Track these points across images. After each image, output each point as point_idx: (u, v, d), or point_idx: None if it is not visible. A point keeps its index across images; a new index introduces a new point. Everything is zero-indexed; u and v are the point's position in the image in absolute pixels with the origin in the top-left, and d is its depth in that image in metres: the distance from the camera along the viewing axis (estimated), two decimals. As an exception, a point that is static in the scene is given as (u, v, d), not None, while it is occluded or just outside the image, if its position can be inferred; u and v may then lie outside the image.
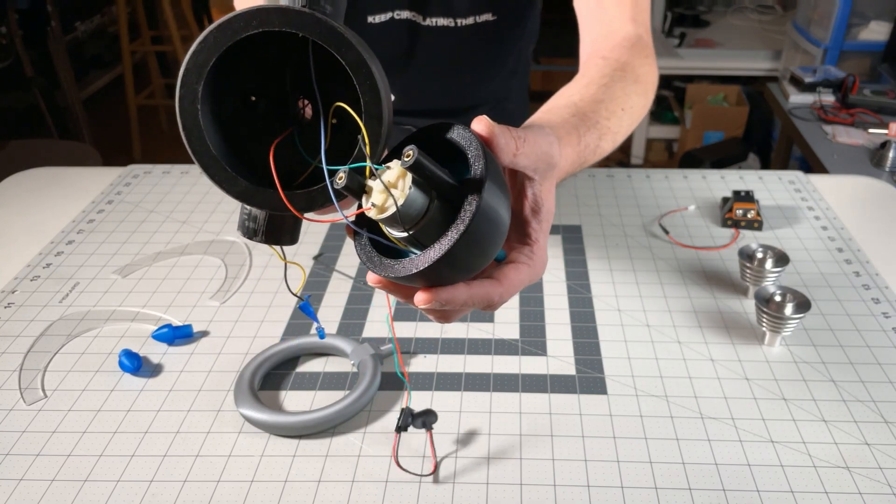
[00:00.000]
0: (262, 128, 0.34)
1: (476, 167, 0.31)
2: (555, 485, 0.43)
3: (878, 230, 0.70)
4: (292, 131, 0.34)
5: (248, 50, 0.31)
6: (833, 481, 0.43)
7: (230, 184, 0.32)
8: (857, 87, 1.50)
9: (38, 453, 0.46)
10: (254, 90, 0.34)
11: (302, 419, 0.47)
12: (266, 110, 0.34)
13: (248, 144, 0.34)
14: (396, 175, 0.30)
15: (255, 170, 0.33)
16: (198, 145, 0.31)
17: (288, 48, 0.33)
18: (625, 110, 0.51)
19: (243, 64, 0.32)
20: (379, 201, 0.30)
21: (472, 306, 0.35)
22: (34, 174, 0.85)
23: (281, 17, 0.29)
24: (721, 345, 0.54)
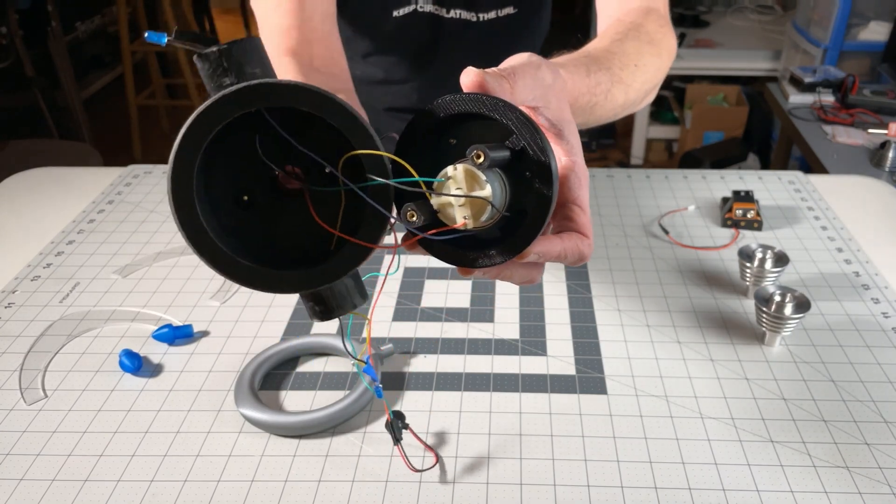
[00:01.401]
0: (270, 215, 0.32)
1: (509, 122, 0.30)
2: (555, 485, 0.43)
3: (878, 230, 0.70)
4: (306, 197, 0.32)
5: (208, 155, 0.29)
6: (833, 481, 0.43)
7: (288, 284, 0.30)
8: (857, 88, 1.50)
9: (39, 453, 0.46)
10: (241, 188, 0.32)
11: (302, 419, 0.47)
12: (263, 199, 0.32)
13: (262, 238, 0.32)
14: (465, 179, 0.30)
15: (282, 254, 0.31)
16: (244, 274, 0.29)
17: (246, 130, 0.30)
18: (638, 66, 0.50)
19: (215, 169, 0.30)
20: (467, 213, 0.30)
21: (564, 260, 0.34)
22: (34, 174, 0.85)
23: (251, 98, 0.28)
24: (721, 345, 0.54)
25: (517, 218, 0.32)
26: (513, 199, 0.32)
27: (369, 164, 0.30)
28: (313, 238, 0.31)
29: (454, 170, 0.30)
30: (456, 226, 0.30)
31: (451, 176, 0.30)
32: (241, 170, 0.32)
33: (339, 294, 0.32)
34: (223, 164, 0.31)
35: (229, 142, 0.30)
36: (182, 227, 0.29)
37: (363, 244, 0.30)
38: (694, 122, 2.32)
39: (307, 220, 0.31)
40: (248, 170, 0.32)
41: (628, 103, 0.52)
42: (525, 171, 0.31)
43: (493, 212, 0.30)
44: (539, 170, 0.31)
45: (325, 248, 0.32)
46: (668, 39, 0.57)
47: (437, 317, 0.58)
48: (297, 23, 0.55)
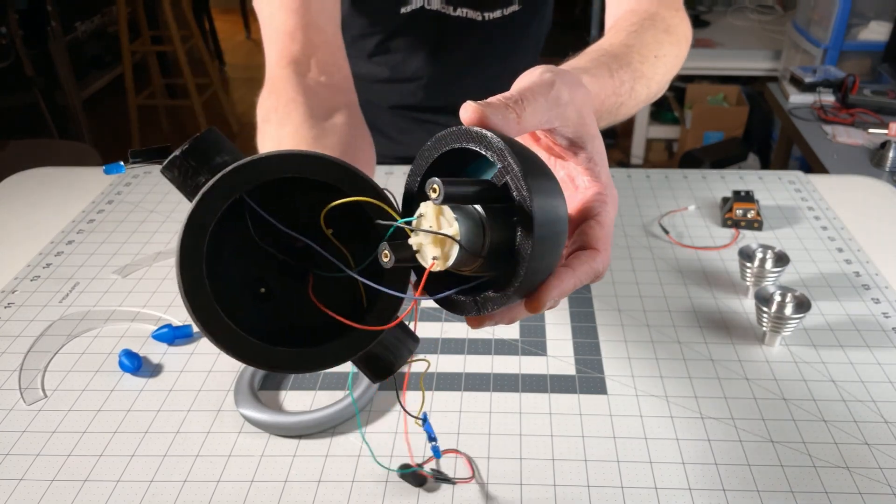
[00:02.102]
0: (291, 299, 0.31)
1: (500, 160, 0.28)
2: (555, 485, 0.43)
3: (879, 230, 0.70)
4: (313, 278, 0.31)
5: (212, 259, 0.28)
6: (833, 481, 0.43)
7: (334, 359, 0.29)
8: (857, 87, 1.50)
9: (39, 453, 0.46)
10: (255, 282, 0.31)
11: (302, 419, 0.47)
12: (279, 286, 0.31)
13: (293, 321, 0.31)
14: (434, 216, 0.27)
15: (317, 330, 0.30)
16: (279, 363, 0.28)
17: (238, 221, 0.30)
18: (658, 58, 0.48)
19: (223, 273, 0.29)
20: (437, 251, 0.27)
21: (582, 285, 0.32)
22: (34, 174, 0.85)
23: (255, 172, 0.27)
24: (721, 345, 0.54)
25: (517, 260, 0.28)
26: (501, 238, 0.28)
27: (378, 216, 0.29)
28: (342, 306, 0.30)
29: (425, 207, 0.28)
30: (428, 267, 0.27)
31: (423, 213, 0.28)
32: (249, 263, 0.31)
33: (392, 345, 0.31)
34: (229, 264, 0.30)
35: (227, 240, 0.29)
36: (214, 339, 0.27)
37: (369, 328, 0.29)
38: (694, 122, 2.32)
39: (326, 293, 0.30)
40: (256, 261, 0.31)
41: (650, 96, 0.51)
42: (513, 214, 0.28)
43: (463, 253, 0.27)
44: (522, 215, 0.27)
45: (358, 311, 0.31)
46: (684, 25, 0.56)
47: (437, 317, 0.58)
48: (302, 24, 0.54)
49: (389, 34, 0.75)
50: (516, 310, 0.31)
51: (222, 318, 0.27)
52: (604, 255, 0.33)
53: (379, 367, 0.31)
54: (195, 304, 0.27)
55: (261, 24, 0.57)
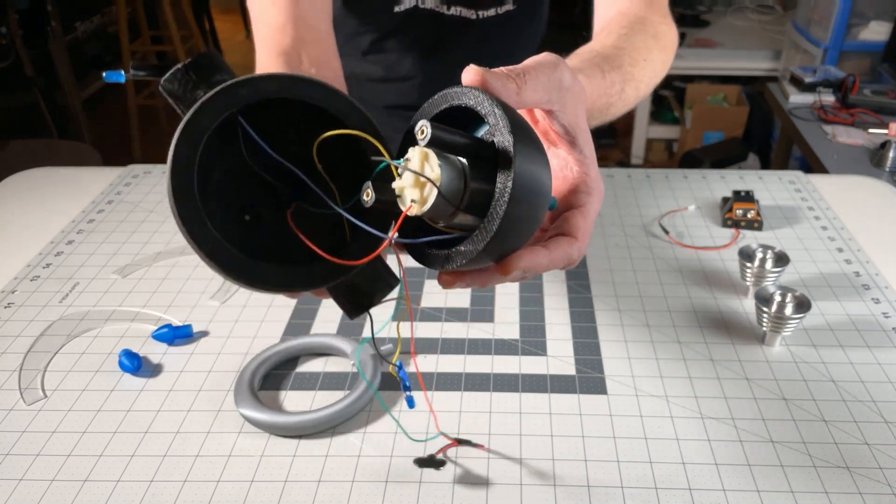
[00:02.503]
0: (278, 225, 0.31)
1: (491, 115, 0.28)
2: (555, 485, 0.43)
3: (879, 230, 0.70)
4: (298, 206, 0.31)
5: (204, 177, 0.28)
6: (833, 481, 0.43)
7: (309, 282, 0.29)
8: (857, 87, 1.50)
9: (38, 453, 0.46)
10: (244, 206, 0.31)
11: (302, 419, 0.47)
12: (267, 212, 0.32)
13: (278, 249, 0.31)
14: (419, 160, 0.27)
15: (300, 258, 0.30)
16: (262, 278, 0.29)
17: (233, 143, 0.30)
18: (647, 62, 0.49)
19: (213, 193, 0.30)
20: (417, 195, 0.27)
21: (554, 268, 0.33)
22: (34, 174, 0.85)
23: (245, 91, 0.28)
24: (721, 345, 0.54)
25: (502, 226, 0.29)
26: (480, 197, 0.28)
27: (371, 151, 0.29)
28: (327, 236, 0.31)
29: (412, 151, 0.28)
30: (405, 209, 0.28)
31: (409, 157, 0.28)
32: (239, 188, 0.31)
33: (372, 278, 0.31)
34: (220, 185, 0.30)
35: (219, 163, 0.30)
36: (197, 246, 0.27)
37: (343, 262, 0.29)
38: (694, 122, 2.32)
39: (311, 222, 0.31)
40: (246, 187, 0.31)
41: (637, 98, 0.52)
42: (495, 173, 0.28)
43: (441, 200, 0.27)
44: (503, 172, 0.28)
45: (343, 243, 0.31)
46: (671, 32, 0.57)
47: (437, 317, 0.58)
48: (291, 19, 0.54)
49: (384, 33, 0.75)
50: (488, 274, 0.31)
51: (208, 227, 0.27)
52: (581, 244, 0.34)
53: (357, 300, 0.32)
54: (182, 211, 0.27)
55: (252, 22, 0.58)
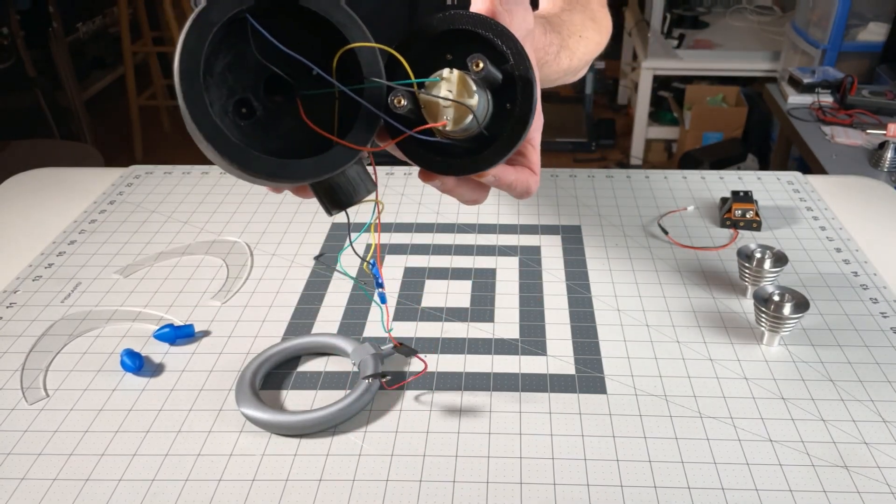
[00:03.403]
0: (272, 122, 0.33)
1: (514, 53, 0.32)
2: (554, 484, 0.43)
3: (877, 230, 0.71)
4: (299, 101, 0.33)
5: (207, 70, 0.30)
6: (832, 480, 0.43)
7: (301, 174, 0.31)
8: (856, 88, 1.51)
9: (40, 452, 0.46)
10: (241, 100, 0.33)
11: (303, 418, 0.47)
12: (263, 107, 0.33)
13: (270, 142, 0.33)
14: (458, 83, 0.31)
15: (289, 155, 0.32)
16: (257, 166, 0.30)
17: (237, 41, 0.32)
18: (582, 38, 0.53)
19: (213, 85, 0.31)
20: (451, 115, 0.31)
21: (514, 188, 0.37)
22: (36, 175, 0.85)
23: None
24: (720, 344, 0.55)
25: (487, 141, 0.33)
26: (490, 122, 0.33)
27: (366, 61, 0.32)
28: (316, 138, 0.32)
29: (450, 73, 0.31)
30: (436, 124, 0.31)
31: (446, 78, 0.31)
32: (236, 81, 0.32)
33: (354, 179, 0.33)
34: (221, 77, 0.32)
35: (221, 56, 0.31)
36: (198, 127, 0.29)
37: (351, 146, 0.32)
38: (693, 123, 2.32)
39: (306, 123, 0.33)
40: (244, 81, 0.32)
41: (570, 70, 0.54)
42: (507, 101, 0.33)
43: (473, 122, 0.31)
44: (523, 101, 0.32)
45: (328, 145, 0.33)
46: (607, 20, 0.61)
47: (437, 317, 0.58)
48: None
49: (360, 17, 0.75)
50: (464, 185, 0.36)
51: (210, 113, 0.29)
52: (538, 177, 0.38)
53: (338, 198, 0.33)
54: (187, 94, 0.28)
55: None
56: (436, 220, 0.73)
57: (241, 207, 0.75)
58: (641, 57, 2.42)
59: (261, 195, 0.78)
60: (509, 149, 0.33)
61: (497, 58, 0.32)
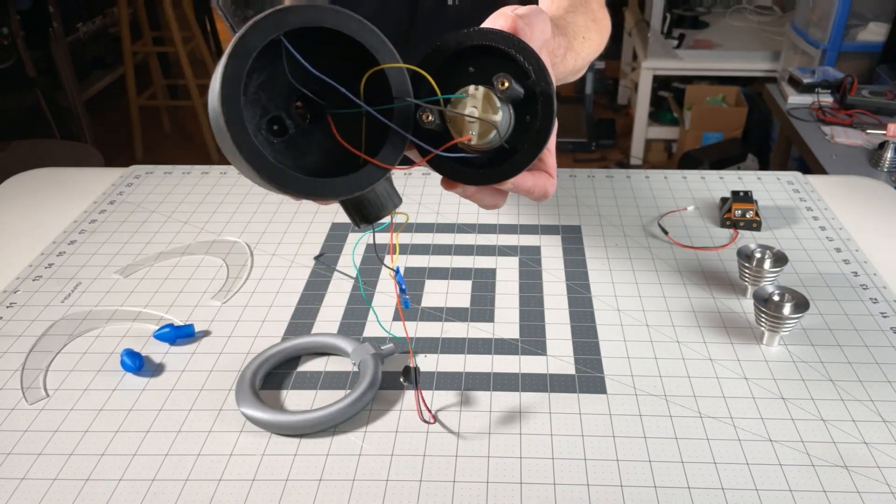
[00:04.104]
0: (303, 141, 0.35)
1: (536, 69, 0.34)
2: (554, 484, 0.43)
3: (876, 230, 0.71)
4: (330, 120, 0.35)
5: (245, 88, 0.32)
6: (831, 480, 0.43)
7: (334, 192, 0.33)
8: (856, 88, 1.51)
9: (40, 452, 0.46)
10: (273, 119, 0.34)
11: (303, 418, 0.47)
12: (295, 127, 0.34)
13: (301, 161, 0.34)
14: (482, 100, 0.33)
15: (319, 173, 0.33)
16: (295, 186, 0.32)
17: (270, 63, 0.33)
18: (585, 39, 0.54)
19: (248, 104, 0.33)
20: (476, 130, 0.33)
21: (533, 192, 0.38)
22: (36, 174, 0.85)
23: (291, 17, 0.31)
24: (720, 344, 0.55)
25: (508, 152, 0.35)
26: (511, 135, 0.35)
27: (395, 81, 0.33)
28: (346, 157, 0.34)
29: (475, 90, 0.33)
30: (462, 139, 0.34)
31: (472, 94, 0.33)
32: (271, 101, 0.34)
33: (382, 195, 0.35)
34: (254, 97, 0.33)
35: (256, 76, 0.33)
36: (239, 150, 0.30)
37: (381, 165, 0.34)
38: (693, 123, 2.33)
39: (335, 140, 0.34)
40: (277, 100, 0.34)
41: (574, 71, 0.55)
42: (528, 114, 0.34)
43: (496, 136, 0.33)
44: (543, 115, 0.34)
45: (357, 163, 0.34)
46: (607, 20, 0.62)
47: (437, 317, 0.58)
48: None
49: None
50: (485, 192, 0.37)
51: (248, 134, 0.31)
52: (554, 180, 0.39)
53: (367, 213, 0.35)
54: (229, 117, 0.30)
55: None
56: (436, 220, 0.73)
57: (241, 207, 0.75)
58: (641, 57, 2.42)
59: (261, 195, 0.78)
60: (529, 160, 0.34)
61: (519, 73, 0.34)
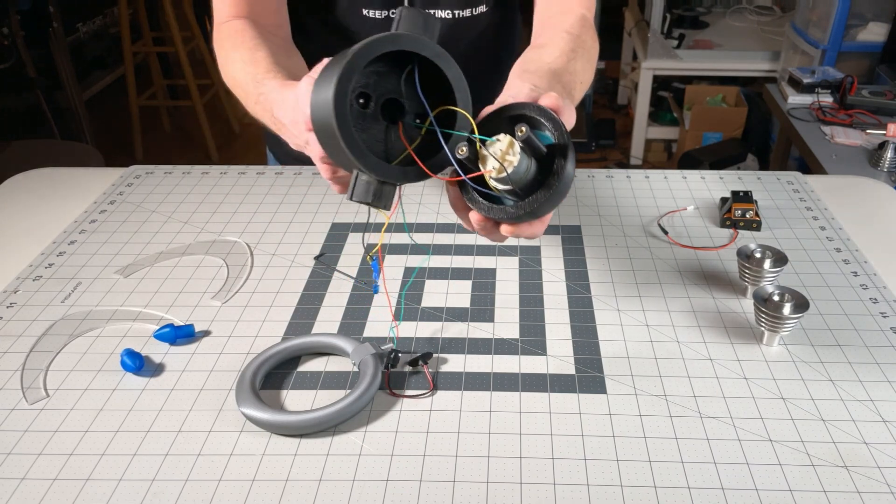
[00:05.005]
0: (369, 124, 0.42)
1: (563, 136, 0.41)
2: (554, 483, 0.43)
3: (876, 230, 0.71)
4: (401, 124, 0.42)
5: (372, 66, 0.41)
6: (831, 480, 0.43)
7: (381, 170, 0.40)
8: (856, 88, 1.51)
9: (41, 452, 0.46)
10: (367, 94, 0.41)
11: (303, 418, 0.47)
12: (373, 112, 0.42)
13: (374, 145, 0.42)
14: (507, 145, 0.40)
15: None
16: (351, 140, 0.39)
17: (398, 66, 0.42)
18: (582, 83, 0.61)
19: (368, 75, 0.41)
20: (496, 167, 0.40)
21: (518, 236, 0.44)
22: (36, 175, 0.85)
23: (392, 42, 0.40)
24: (720, 344, 0.55)
25: (518, 199, 0.42)
26: (541, 179, 0.41)
27: (460, 118, 0.42)
28: (384, 150, 0.42)
29: (504, 136, 0.40)
30: (482, 172, 0.41)
31: (500, 139, 0.40)
32: (374, 84, 0.42)
33: (387, 194, 0.42)
34: (364, 74, 0.41)
35: (372, 66, 0.41)
36: (349, 148, 0.39)
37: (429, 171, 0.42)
38: (693, 123, 2.32)
39: (386, 133, 0.42)
40: (377, 86, 0.42)
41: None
42: (546, 175, 0.41)
43: (508, 178, 0.40)
44: (562, 170, 0.41)
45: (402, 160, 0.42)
46: (596, 48, 0.68)
47: (437, 317, 0.58)
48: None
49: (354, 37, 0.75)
50: (494, 231, 0.44)
51: (354, 135, 0.39)
52: (545, 225, 0.44)
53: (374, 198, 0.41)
54: (342, 128, 0.39)
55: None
56: (436, 220, 0.73)
57: (241, 207, 0.76)
58: (641, 57, 2.42)
59: (261, 195, 0.78)
60: (529, 219, 0.42)
61: (545, 137, 0.42)
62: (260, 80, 0.57)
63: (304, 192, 0.78)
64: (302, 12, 0.74)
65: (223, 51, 0.65)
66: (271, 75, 0.57)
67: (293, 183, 0.80)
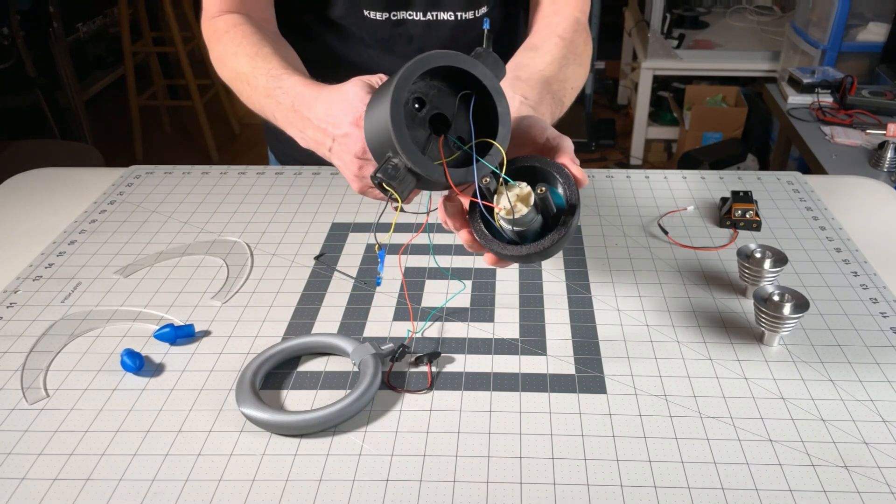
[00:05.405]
0: (415, 126, 0.45)
1: (574, 195, 0.45)
2: (554, 483, 0.43)
3: (876, 230, 0.71)
4: (444, 137, 0.46)
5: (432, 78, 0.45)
6: (831, 480, 0.43)
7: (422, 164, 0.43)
8: (856, 88, 1.51)
9: (41, 452, 0.46)
10: (423, 101, 0.45)
11: (303, 418, 0.47)
12: (423, 118, 0.45)
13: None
14: (526, 195, 0.44)
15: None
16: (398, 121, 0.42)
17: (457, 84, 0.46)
18: (574, 89, 0.63)
19: (430, 86, 0.45)
20: (507, 207, 0.44)
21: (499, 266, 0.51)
22: (36, 175, 0.85)
23: (446, 60, 0.43)
24: (720, 344, 0.55)
25: (516, 244, 0.46)
26: (551, 222, 0.46)
27: (495, 150, 0.45)
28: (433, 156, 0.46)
29: (526, 186, 0.45)
30: (491, 204, 0.45)
31: (521, 186, 0.45)
32: (432, 94, 0.45)
33: (408, 183, 0.44)
34: (423, 82, 0.45)
35: (430, 76, 0.45)
36: (404, 152, 0.42)
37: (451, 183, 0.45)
38: (693, 123, 2.33)
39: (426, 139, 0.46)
40: (432, 96, 0.45)
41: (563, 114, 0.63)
42: (562, 216, 0.46)
43: (513, 222, 0.44)
44: (568, 220, 0.45)
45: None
46: (589, 52, 0.70)
47: (437, 316, 0.58)
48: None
49: (354, 38, 0.75)
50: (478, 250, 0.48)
51: (408, 141, 0.42)
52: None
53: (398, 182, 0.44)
54: (399, 135, 0.42)
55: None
56: (436, 219, 0.73)
57: (241, 207, 0.76)
58: (641, 57, 2.42)
59: (261, 195, 0.78)
60: (521, 262, 0.47)
61: (557, 195, 0.46)
62: (276, 75, 0.58)
63: (304, 192, 0.78)
64: (300, 10, 0.74)
65: (220, 44, 0.66)
66: (289, 72, 0.58)
67: (293, 183, 0.80)
